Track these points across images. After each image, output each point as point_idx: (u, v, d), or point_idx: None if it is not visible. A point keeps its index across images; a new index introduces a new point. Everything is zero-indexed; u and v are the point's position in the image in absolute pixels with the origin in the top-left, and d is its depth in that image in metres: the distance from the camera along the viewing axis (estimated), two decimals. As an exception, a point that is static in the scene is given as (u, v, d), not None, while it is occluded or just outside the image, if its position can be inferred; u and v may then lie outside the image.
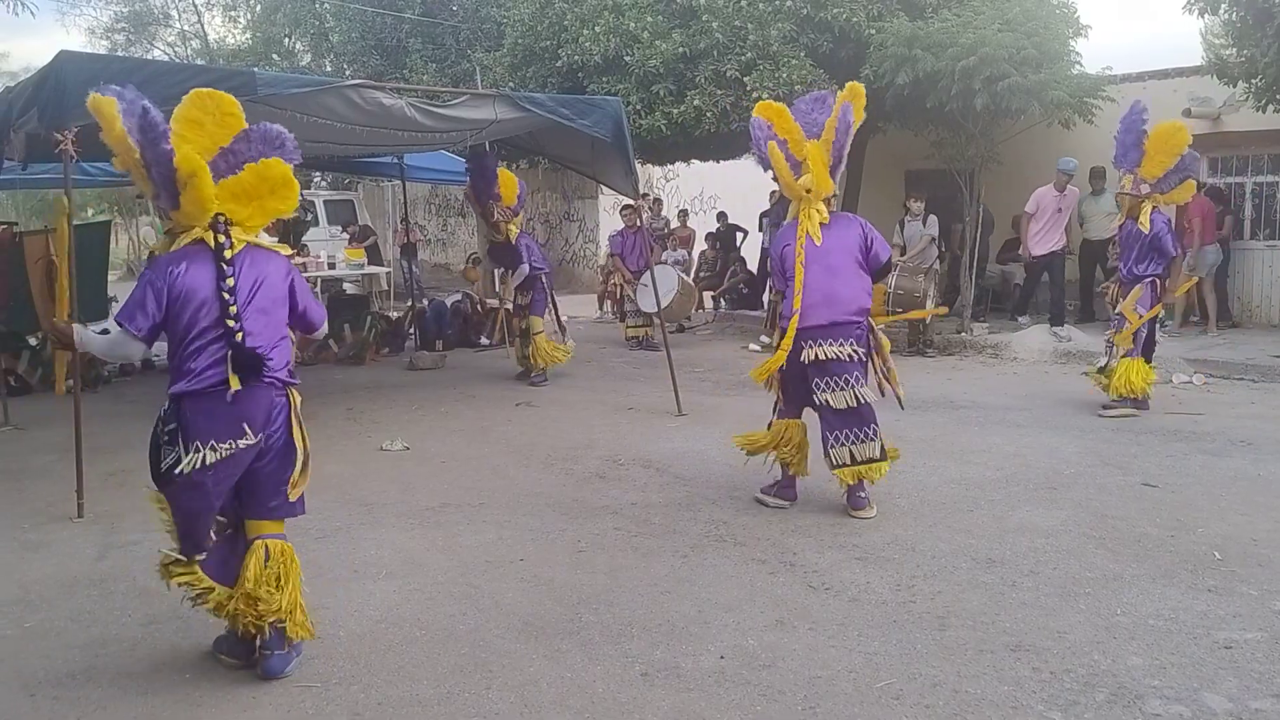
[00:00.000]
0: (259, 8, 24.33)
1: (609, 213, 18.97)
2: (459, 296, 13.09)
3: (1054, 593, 4.21)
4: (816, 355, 5.23)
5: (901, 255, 11.00)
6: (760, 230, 14.30)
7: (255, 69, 9.91)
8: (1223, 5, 9.98)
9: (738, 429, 7.33)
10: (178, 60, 24.50)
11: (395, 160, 11.79)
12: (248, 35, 25.09)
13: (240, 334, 3.45)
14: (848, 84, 5.56)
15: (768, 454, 5.61)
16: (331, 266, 13.94)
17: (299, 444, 3.71)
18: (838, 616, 4.03)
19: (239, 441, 3.47)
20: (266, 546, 3.63)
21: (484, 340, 12.59)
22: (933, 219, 11.02)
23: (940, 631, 3.86)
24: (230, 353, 3.43)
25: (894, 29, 10.56)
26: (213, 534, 3.62)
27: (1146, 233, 7.36)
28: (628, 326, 12.32)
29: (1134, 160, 7.39)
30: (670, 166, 18.67)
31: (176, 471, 3.40)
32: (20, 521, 5.57)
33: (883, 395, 5.48)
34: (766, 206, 14.66)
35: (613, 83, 12.06)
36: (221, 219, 3.56)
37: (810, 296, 5.27)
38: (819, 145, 5.42)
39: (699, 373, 10.06)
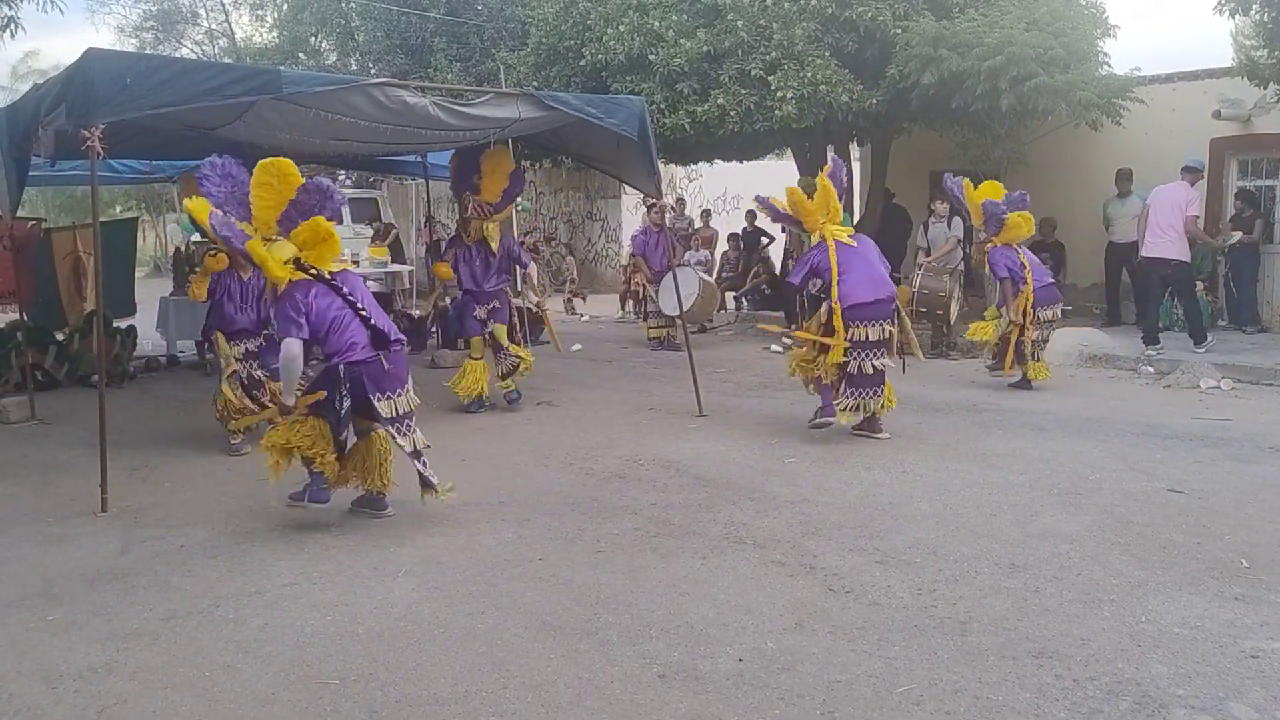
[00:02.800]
0: (286, 7, 24.46)
1: (631, 212, 18.96)
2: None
3: (1078, 599, 4.16)
4: (866, 335, 6.74)
5: (926, 256, 10.96)
6: (784, 231, 14.26)
7: (281, 67, 9.96)
8: (1254, 6, 9.86)
9: (759, 430, 7.34)
10: (205, 58, 24.69)
11: (419, 159, 11.83)
12: (274, 34, 25.24)
13: (372, 320, 5.00)
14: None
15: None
16: (355, 265, 13.99)
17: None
18: (858, 620, 4.00)
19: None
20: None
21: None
22: (958, 220, 10.94)
23: (962, 637, 3.82)
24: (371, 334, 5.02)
25: (920, 28, 10.49)
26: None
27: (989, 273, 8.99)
28: (650, 327, 12.30)
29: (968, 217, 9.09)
30: (694, 166, 18.66)
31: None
32: (44, 515, 5.62)
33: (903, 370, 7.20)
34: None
35: (636, 81, 12.05)
36: (302, 261, 4.97)
37: (856, 280, 6.77)
38: (824, 180, 7.01)
39: (720, 373, 10.03)
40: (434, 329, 12.41)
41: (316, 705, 3.40)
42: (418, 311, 13.61)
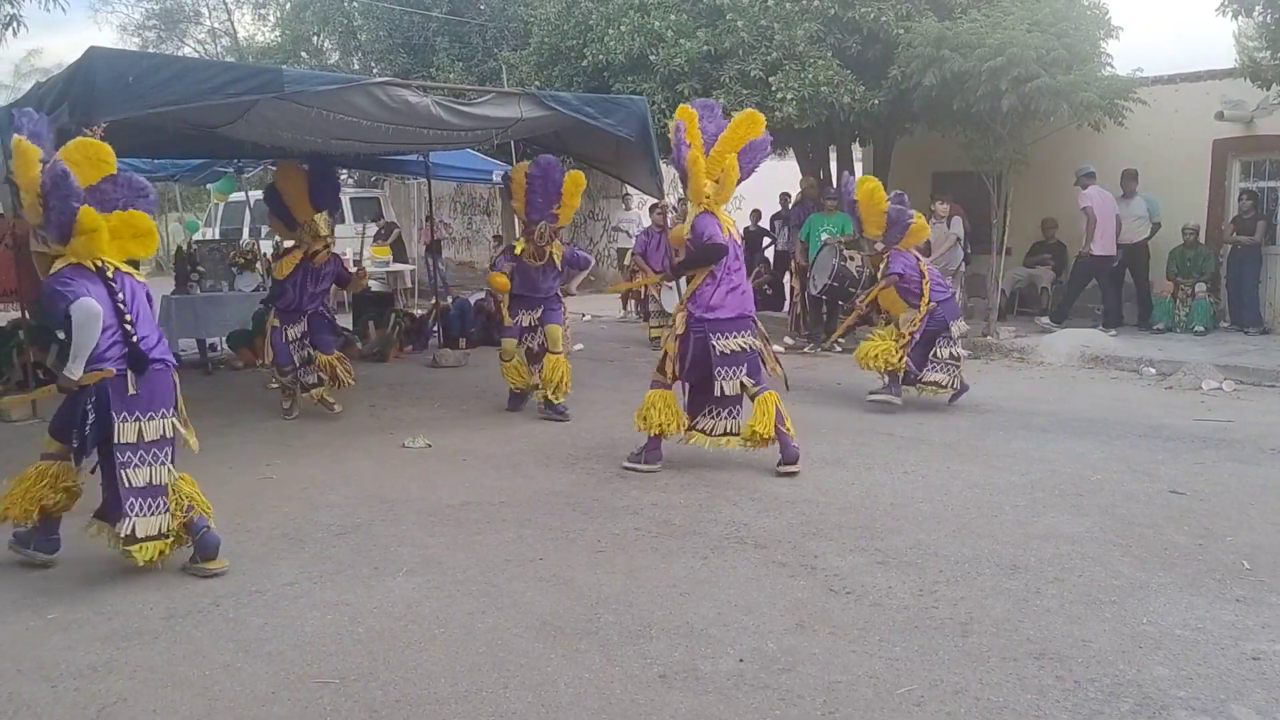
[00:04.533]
0: (288, 6, 24.50)
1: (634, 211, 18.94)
2: (482, 294, 13.12)
3: (1079, 600, 4.16)
4: (730, 348, 6.04)
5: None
6: (775, 232, 14.45)
7: (283, 66, 9.97)
8: (1256, 7, 9.85)
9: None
10: (207, 57, 24.72)
11: (421, 158, 11.83)
12: (277, 33, 25.29)
13: (135, 337, 4.46)
14: (747, 111, 6.22)
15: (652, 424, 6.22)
16: (357, 264, 13.97)
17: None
18: (858, 621, 4.00)
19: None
20: None
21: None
22: (957, 219, 10.96)
23: (963, 638, 3.82)
24: (128, 350, 4.44)
25: (922, 29, 10.48)
26: None
27: (884, 279, 7.93)
28: (652, 326, 12.28)
29: (858, 226, 8.15)
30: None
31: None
32: (46, 513, 5.61)
33: (778, 377, 6.44)
34: (784, 208, 14.73)
35: (638, 82, 12.04)
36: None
37: (730, 290, 6.06)
38: (734, 159, 6.01)
39: (722, 373, 10.00)
40: (435, 328, 12.41)
41: (316, 704, 3.40)
42: (419, 311, 13.63)
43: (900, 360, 7.74)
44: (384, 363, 11.29)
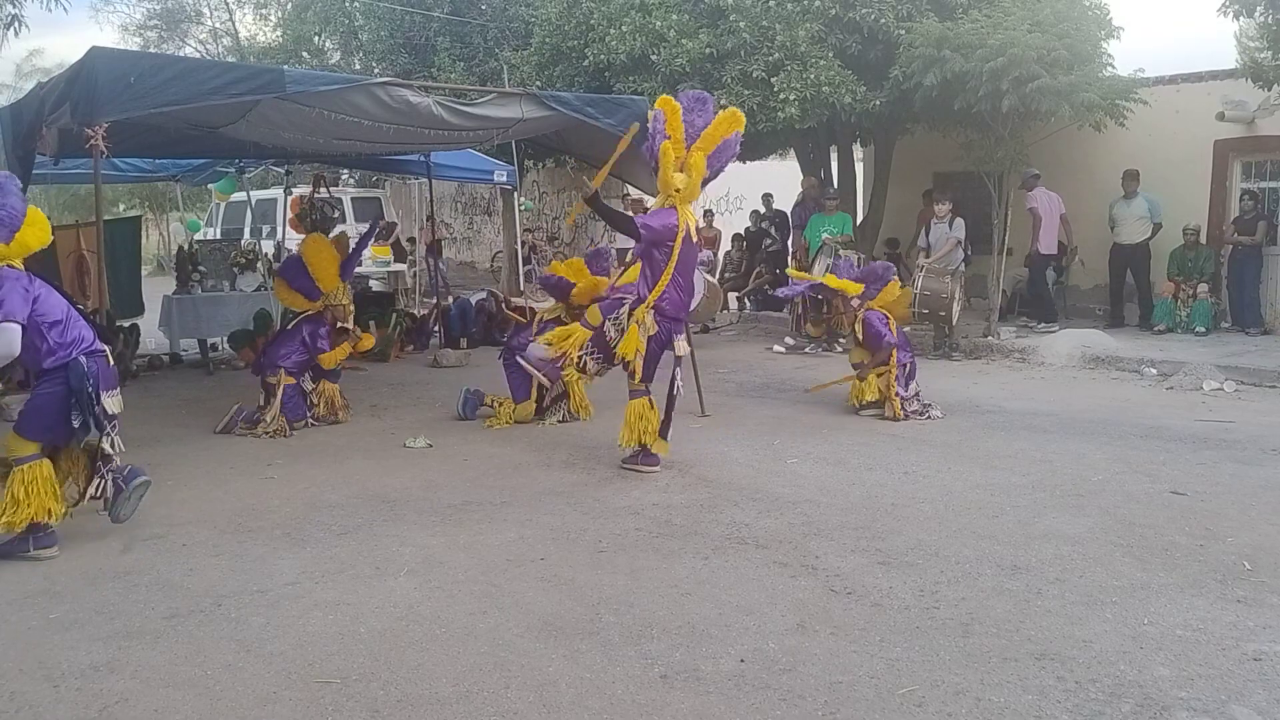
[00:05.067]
0: (289, 6, 24.53)
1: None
2: (484, 294, 13.14)
3: (1080, 601, 4.16)
4: (681, 350, 6.29)
5: (927, 257, 10.96)
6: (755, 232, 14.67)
7: (284, 66, 9.98)
8: (1258, 8, 9.85)
9: (761, 430, 7.33)
10: (208, 57, 24.74)
11: (422, 159, 11.83)
12: (278, 33, 25.29)
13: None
14: (730, 109, 6.27)
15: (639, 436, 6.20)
16: (359, 264, 13.98)
17: None
18: (860, 621, 4.00)
19: None
20: None
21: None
22: (959, 221, 10.96)
23: (964, 638, 3.82)
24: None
25: (923, 29, 10.48)
26: None
27: (861, 335, 8.00)
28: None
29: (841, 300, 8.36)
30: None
31: None
32: (47, 513, 5.61)
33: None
34: (774, 209, 14.82)
35: (639, 82, 12.05)
36: None
37: (684, 288, 6.18)
38: (702, 156, 6.04)
39: (723, 373, 10.03)
40: (436, 328, 12.41)
41: (318, 704, 3.40)
42: (420, 310, 13.63)
43: (892, 392, 7.74)
44: (385, 363, 11.29)
